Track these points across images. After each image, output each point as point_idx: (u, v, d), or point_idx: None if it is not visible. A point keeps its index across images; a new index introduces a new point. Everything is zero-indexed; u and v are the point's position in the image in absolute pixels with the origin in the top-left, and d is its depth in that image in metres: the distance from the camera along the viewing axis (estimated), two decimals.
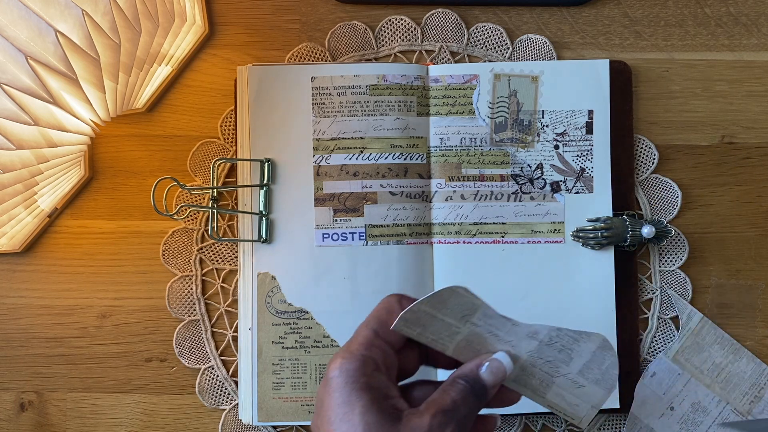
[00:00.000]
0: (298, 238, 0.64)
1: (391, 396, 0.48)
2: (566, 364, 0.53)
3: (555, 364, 0.53)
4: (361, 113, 0.64)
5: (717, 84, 0.66)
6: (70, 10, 0.50)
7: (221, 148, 0.66)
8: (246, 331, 0.64)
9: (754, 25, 0.66)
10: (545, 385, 0.54)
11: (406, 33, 0.66)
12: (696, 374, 0.64)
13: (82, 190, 0.66)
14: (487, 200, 0.64)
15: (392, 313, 0.50)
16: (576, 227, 0.64)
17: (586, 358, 0.52)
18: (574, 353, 0.52)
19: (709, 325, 0.64)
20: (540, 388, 0.54)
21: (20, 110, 0.50)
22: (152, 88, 0.65)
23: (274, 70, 0.64)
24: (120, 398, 0.65)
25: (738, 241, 0.66)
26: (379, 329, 0.50)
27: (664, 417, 0.64)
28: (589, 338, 0.51)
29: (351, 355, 0.48)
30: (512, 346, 0.52)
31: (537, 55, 0.66)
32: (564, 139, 0.64)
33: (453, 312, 0.51)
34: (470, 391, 0.48)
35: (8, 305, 0.66)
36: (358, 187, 0.64)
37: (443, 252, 0.64)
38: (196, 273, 0.65)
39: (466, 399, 0.48)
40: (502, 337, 0.52)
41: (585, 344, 0.52)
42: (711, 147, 0.66)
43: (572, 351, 0.52)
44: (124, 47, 0.55)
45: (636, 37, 0.66)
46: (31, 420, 0.65)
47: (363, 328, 0.50)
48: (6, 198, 0.57)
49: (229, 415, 0.65)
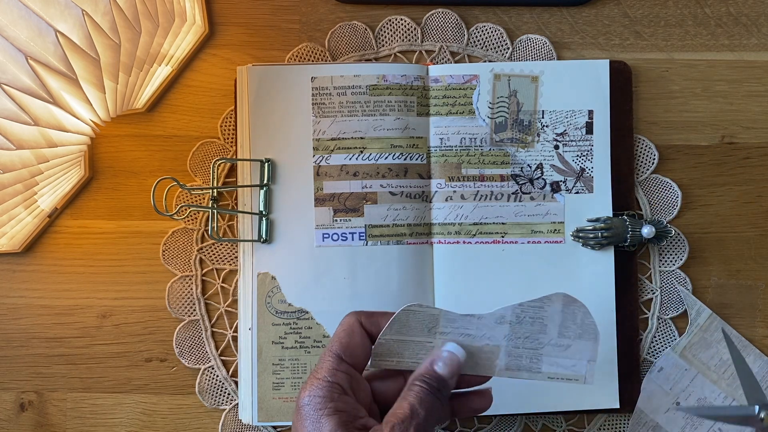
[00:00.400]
0: (298, 238, 0.64)
1: (360, 416, 0.50)
2: (543, 332, 0.54)
3: (534, 338, 0.54)
4: (361, 113, 0.64)
5: (717, 84, 0.66)
6: (70, 10, 0.50)
7: (221, 148, 0.66)
8: (246, 331, 0.64)
9: (754, 25, 0.66)
10: (536, 361, 0.55)
11: (406, 33, 0.66)
12: (703, 370, 0.64)
13: (82, 190, 0.66)
14: (487, 200, 0.64)
15: (352, 334, 0.53)
16: (576, 227, 0.64)
17: (558, 320, 0.53)
18: (546, 320, 0.53)
19: (718, 322, 0.64)
20: (533, 365, 0.55)
21: (20, 110, 0.50)
22: (152, 88, 0.65)
23: (274, 70, 0.64)
24: (120, 398, 0.65)
25: (738, 241, 0.66)
26: (342, 353, 0.52)
27: (669, 412, 0.64)
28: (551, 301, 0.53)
29: (318, 382, 0.51)
30: (489, 339, 0.53)
31: (537, 55, 0.66)
32: (564, 139, 0.64)
33: (418, 330, 0.53)
34: (427, 390, 0.51)
35: (8, 305, 0.66)
36: (358, 187, 0.64)
37: (443, 252, 0.64)
38: (196, 273, 0.65)
39: (423, 400, 0.50)
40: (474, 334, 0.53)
41: (551, 308, 0.53)
42: (711, 147, 0.66)
43: (543, 319, 0.53)
44: (124, 47, 0.55)
45: (636, 37, 0.66)
46: (31, 420, 0.65)
47: (327, 353, 0.53)
48: (6, 198, 0.57)
49: (229, 415, 0.65)
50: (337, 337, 0.53)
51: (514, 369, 0.55)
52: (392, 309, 0.63)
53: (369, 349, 0.54)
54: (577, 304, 0.53)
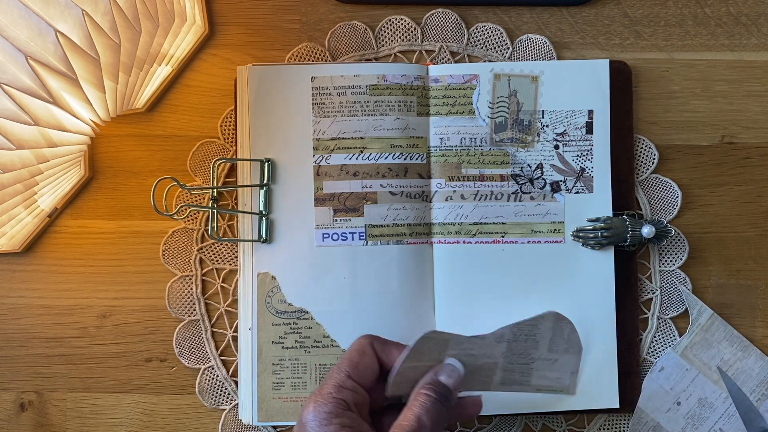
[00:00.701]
0: (298, 238, 0.64)
1: (363, 431, 0.51)
2: (535, 349, 0.56)
3: (526, 353, 0.56)
4: (361, 113, 0.64)
5: (717, 84, 0.66)
6: (70, 10, 0.50)
7: (221, 148, 0.66)
8: (246, 331, 0.64)
9: (754, 25, 0.66)
10: (527, 375, 0.57)
11: (406, 33, 0.66)
12: (704, 370, 0.64)
13: (82, 190, 0.66)
14: (487, 200, 0.64)
15: (364, 355, 0.54)
16: (576, 227, 0.64)
17: (548, 336, 0.56)
18: (538, 337, 0.56)
19: (719, 322, 0.64)
20: (524, 379, 0.58)
21: (20, 110, 0.50)
22: (152, 88, 0.65)
23: (274, 70, 0.64)
24: (120, 398, 0.65)
25: (738, 241, 0.66)
26: (351, 372, 0.53)
27: (670, 412, 0.64)
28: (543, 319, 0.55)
29: (323, 398, 0.52)
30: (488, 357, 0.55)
31: (537, 55, 0.66)
32: (564, 139, 0.64)
33: (431, 355, 0.54)
34: (433, 399, 0.52)
35: (8, 305, 0.66)
36: (358, 187, 0.64)
37: (443, 252, 0.64)
38: (196, 273, 0.65)
39: (429, 409, 0.51)
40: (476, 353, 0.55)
41: (543, 325, 0.55)
42: (711, 147, 0.66)
43: (535, 336, 0.56)
44: (124, 47, 0.55)
45: (636, 37, 0.66)
46: (31, 420, 0.65)
47: (336, 371, 0.53)
48: (6, 198, 0.57)
49: (229, 415, 0.65)
50: (348, 356, 0.54)
51: (508, 383, 0.58)
52: (392, 309, 0.63)
53: (377, 371, 0.55)
54: (565, 321, 0.56)
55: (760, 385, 0.64)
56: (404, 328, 0.63)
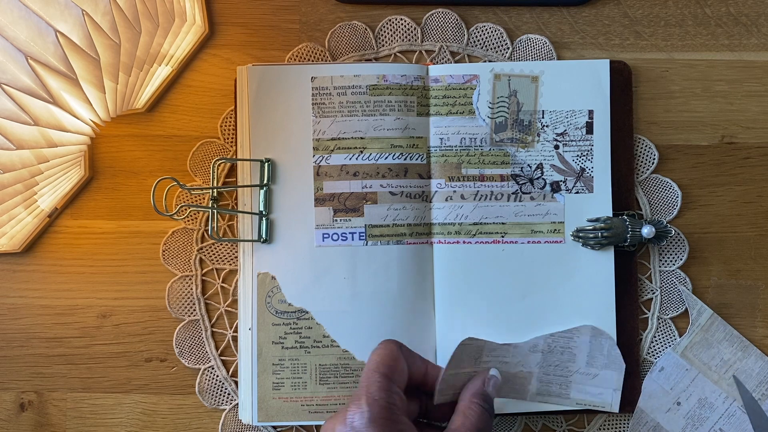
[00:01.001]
0: (298, 238, 0.64)
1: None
2: (573, 362, 0.57)
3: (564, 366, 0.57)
4: (361, 113, 0.64)
5: (717, 84, 0.66)
6: (70, 10, 0.50)
7: (221, 148, 0.66)
8: (246, 331, 0.64)
9: (754, 25, 0.66)
10: (565, 388, 0.58)
11: (406, 33, 0.66)
12: (704, 370, 0.64)
13: (82, 190, 0.66)
14: (487, 200, 0.64)
15: (398, 359, 0.52)
16: (576, 227, 0.64)
17: (587, 350, 0.57)
18: (575, 350, 0.56)
19: (719, 322, 0.64)
20: (562, 392, 0.58)
21: (20, 110, 0.50)
22: (152, 88, 0.65)
23: (274, 70, 0.64)
24: (120, 398, 0.65)
25: (738, 241, 0.66)
26: (390, 374, 0.51)
27: (670, 412, 0.64)
28: (579, 332, 0.55)
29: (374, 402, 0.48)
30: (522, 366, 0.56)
31: (537, 55, 0.66)
32: (564, 139, 0.64)
33: (468, 362, 0.56)
34: (486, 409, 0.53)
35: (8, 305, 0.66)
36: (358, 187, 0.64)
37: (443, 252, 0.64)
38: (196, 273, 0.65)
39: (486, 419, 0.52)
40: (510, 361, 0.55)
41: (579, 338, 0.56)
42: (711, 147, 0.66)
43: (572, 349, 0.56)
44: (124, 47, 0.55)
45: (636, 37, 0.66)
46: (31, 420, 0.65)
47: (374, 373, 0.50)
48: (6, 198, 0.57)
49: (229, 415, 0.65)
50: (383, 359, 0.51)
51: (545, 394, 0.58)
52: (392, 309, 0.63)
53: (407, 377, 0.54)
54: (605, 336, 0.56)
55: (760, 385, 0.64)
56: (404, 328, 0.63)
